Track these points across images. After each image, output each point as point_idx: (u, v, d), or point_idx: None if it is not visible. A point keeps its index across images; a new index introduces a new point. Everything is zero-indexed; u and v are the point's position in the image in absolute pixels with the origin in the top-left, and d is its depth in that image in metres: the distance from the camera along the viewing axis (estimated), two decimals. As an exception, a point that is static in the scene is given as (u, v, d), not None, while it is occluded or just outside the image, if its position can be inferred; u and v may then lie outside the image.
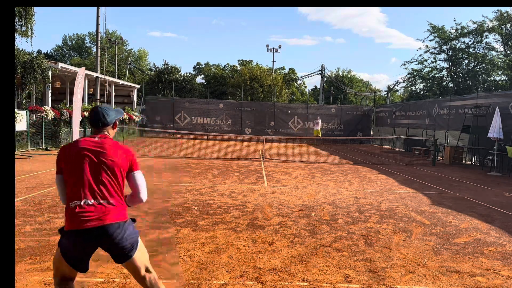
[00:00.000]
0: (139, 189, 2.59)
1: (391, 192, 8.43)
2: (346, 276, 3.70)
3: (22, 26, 15.08)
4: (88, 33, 63.06)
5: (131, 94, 30.22)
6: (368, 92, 53.71)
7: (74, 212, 2.37)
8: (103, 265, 3.71)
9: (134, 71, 54.01)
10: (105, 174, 2.46)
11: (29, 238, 4.46)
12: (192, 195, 7.30)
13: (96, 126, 2.61)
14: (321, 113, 28.49)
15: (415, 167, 13.58)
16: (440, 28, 28.84)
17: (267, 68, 51.45)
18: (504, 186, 9.84)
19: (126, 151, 2.57)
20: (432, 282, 3.66)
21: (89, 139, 2.53)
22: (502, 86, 26.75)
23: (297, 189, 8.35)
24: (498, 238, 5.17)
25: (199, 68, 62.33)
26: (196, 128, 27.03)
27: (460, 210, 6.83)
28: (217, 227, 5.18)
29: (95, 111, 2.63)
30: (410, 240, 4.95)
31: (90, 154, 2.46)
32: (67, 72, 20.59)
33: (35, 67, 15.12)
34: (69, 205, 2.40)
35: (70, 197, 2.42)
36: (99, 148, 2.49)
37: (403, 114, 23.32)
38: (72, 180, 2.43)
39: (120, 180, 2.52)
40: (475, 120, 14.56)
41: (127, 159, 2.55)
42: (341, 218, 5.92)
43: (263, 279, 3.55)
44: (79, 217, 2.35)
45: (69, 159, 2.47)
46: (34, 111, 14.79)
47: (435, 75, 30.59)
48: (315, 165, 13.10)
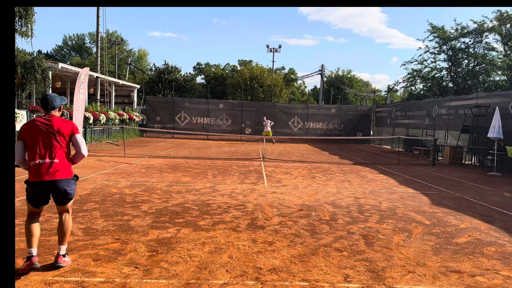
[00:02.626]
0: (80, 146, 3.61)
1: (391, 192, 8.44)
2: (346, 276, 3.70)
3: (22, 26, 15.09)
4: (88, 33, 63.16)
5: (131, 94, 30.23)
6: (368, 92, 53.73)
7: (33, 169, 3.44)
8: (103, 265, 3.72)
9: (134, 71, 54.02)
10: (53, 141, 3.49)
11: (29, 238, 4.45)
12: (192, 195, 7.30)
13: (46, 109, 3.60)
14: (321, 113, 28.50)
15: (415, 167, 13.58)
16: (440, 28, 28.84)
17: (267, 68, 51.50)
18: (504, 186, 9.84)
19: (68, 121, 3.60)
20: (432, 282, 3.66)
21: (41, 119, 3.55)
22: (502, 86, 26.75)
23: (297, 189, 8.35)
24: (498, 238, 5.17)
25: (199, 68, 62.34)
26: (196, 128, 27.03)
27: (460, 210, 6.83)
28: (217, 227, 5.18)
29: (45, 98, 3.62)
30: (410, 240, 4.95)
31: (42, 127, 3.49)
32: (67, 72, 20.59)
33: (35, 67, 15.12)
34: (30, 163, 3.47)
35: (30, 157, 3.46)
36: (48, 122, 3.52)
37: (403, 114, 23.32)
38: (31, 146, 3.47)
39: (65, 144, 3.55)
40: (475, 120, 14.57)
41: (69, 127, 3.58)
42: (341, 218, 5.92)
43: (263, 279, 3.55)
44: (37, 172, 3.43)
45: (28, 132, 3.48)
46: (34, 111, 14.78)
47: (435, 75, 30.59)
48: (315, 165, 13.10)
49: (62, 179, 3.48)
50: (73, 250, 4.11)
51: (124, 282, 3.38)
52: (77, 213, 5.66)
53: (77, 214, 5.60)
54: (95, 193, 7.14)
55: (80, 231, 4.77)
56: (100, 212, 5.77)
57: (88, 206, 6.13)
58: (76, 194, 6.94)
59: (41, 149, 3.43)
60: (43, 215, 5.49)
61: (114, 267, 3.69)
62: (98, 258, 3.90)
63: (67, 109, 16.63)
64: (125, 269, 3.65)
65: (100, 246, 4.28)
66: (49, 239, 4.46)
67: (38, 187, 3.43)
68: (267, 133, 22.92)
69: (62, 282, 3.34)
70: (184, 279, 3.49)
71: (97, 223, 5.16)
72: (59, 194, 3.54)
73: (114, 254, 4.06)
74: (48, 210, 5.75)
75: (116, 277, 3.49)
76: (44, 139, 3.46)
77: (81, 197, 6.72)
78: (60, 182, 3.48)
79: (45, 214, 5.56)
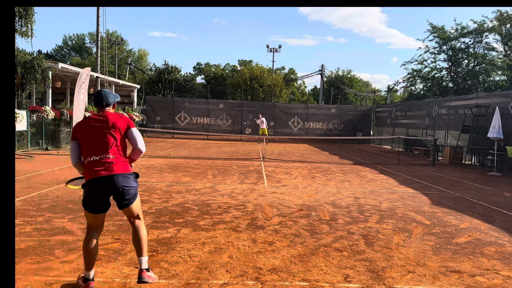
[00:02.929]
0: (137, 140, 3.35)
1: (391, 192, 8.44)
2: (346, 276, 3.70)
3: (22, 26, 15.07)
4: (88, 33, 63.14)
5: (131, 94, 30.22)
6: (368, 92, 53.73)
7: (88, 166, 3.19)
8: (103, 265, 3.72)
9: (134, 71, 54.01)
10: (108, 136, 3.23)
11: (29, 238, 4.46)
12: (192, 195, 7.30)
13: (100, 105, 3.36)
14: (321, 113, 28.50)
15: (415, 167, 13.58)
16: (440, 28, 28.83)
17: (267, 68, 51.49)
18: (504, 186, 9.84)
19: (123, 116, 3.38)
20: (432, 282, 3.66)
21: (95, 115, 3.33)
22: (502, 86, 26.75)
23: (297, 189, 8.35)
24: (498, 238, 5.17)
25: (199, 68, 62.33)
26: (196, 128, 27.03)
27: (460, 210, 6.83)
28: (217, 227, 5.18)
29: (99, 94, 3.39)
30: (410, 240, 4.95)
31: (96, 123, 3.26)
32: (67, 72, 20.59)
33: (35, 67, 15.10)
34: (85, 161, 3.23)
35: (85, 155, 3.23)
36: (102, 118, 3.28)
37: (403, 114, 23.32)
38: (85, 144, 3.23)
39: (121, 140, 3.29)
40: (475, 120, 14.56)
41: (124, 121, 3.33)
42: (341, 218, 5.92)
43: (263, 279, 3.55)
44: (92, 170, 3.16)
45: (81, 130, 3.26)
46: (34, 111, 14.78)
47: (435, 75, 30.59)
48: (315, 165, 13.10)
49: (119, 173, 3.17)
50: (73, 250, 4.12)
51: (124, 282, 3.38)
52: (77, 213, 5.65)
53: (77, 214, 5.59)
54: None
55: (80, 231, 4.77)
56: (100, 212, 5.76)
57: (88, 206, 6.13)
58: (76, 194, 6.95)
59: (96, 146, 3.19)
60: (43, 215, 5.49)
61: (114, 267, 3.69)
62: (98, 258, 3.89)
63: (67, 109, 16.63)
64: (125, 269, 3.65)
65: (100, 246, 4.27)
66: (49, 239, 4.46)
67: (94, 185, 3.15)
68: (263, 131, 22.79)
69: (62, 282, 3.35)
70: (184, 279, 3.49)
71: (97, 223, 5.16)
72: (117, 193, 3.19)
73: (114, 254, 4.06)
74: (48, 210, 5.75)
75: (116, 277, 3.49)
76: (99, 135, 3.21)
77: (81, 197, 6.70)
78: (117, 177, 3.16)
79: (45, 214, 5.56)
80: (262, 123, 23.09)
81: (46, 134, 15.18)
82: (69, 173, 9.41)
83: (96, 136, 3.21)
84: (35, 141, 14.79)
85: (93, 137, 3.21)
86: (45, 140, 15.12)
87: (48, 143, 15.32)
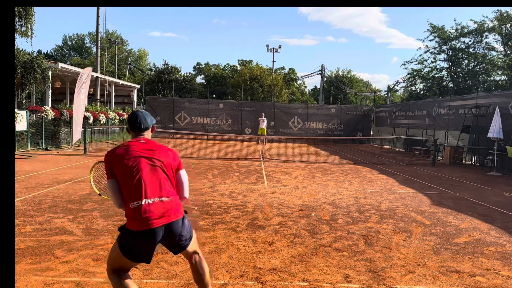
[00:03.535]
0: (185, 187, 2.75)
1: (391, 192, 8.43)
2: (346, 276, 3.70)
3: (22, 26, 15.08)
4: (88, 33, 63.16)
5: (131, 94, 30.23)
6: (368, 92, 53.73)
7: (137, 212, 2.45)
8: (103, 265, 3.71)
9: (134, 71, 54.01)
10: (161, 174, 2.59)
11: (29, 238, 4.46)
12: (192, 195, 7.30)
13: (137, 129, 2.75)
14: (321, 113, 28.49)
15: (415, 167, 13.58)
16: (440, 28, 28.83)
17: (267, 68, 51.48)
18: (504, 186, 9.84)
19: (173, 152, 2.75)
20: (432, 282, 3.66)
21: (136, 143, 2.66)
22: (502, 86, 26.74)
23: (297, 189, 8.35)
24: (498, 238, 5.17)
25: (199, 68, 62.35)
26: (196, 128, 27.02)
27: (460, 210, 6.83)
28: (217, 227, 5.18)
29: (135, 115, 2.79)
30: (410, 240, 4.95)
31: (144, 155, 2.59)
32: (67, 72, 20.60)
33: (35, 67, 15.11)
34: (129, 205, 2.49)
35: (130, 198, 2.50)
36: (150, 150, 2.63)
37: (403, 114, 23.31)
38: (129, 182, 2.51)
39: (172, 179, 2.67)
40: (475, 120, 14.56)
41: (176, 158, 2.73)
42: (341, 218, 5.92)
43: (263, 279, 3.54)
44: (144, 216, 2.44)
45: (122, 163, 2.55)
46: (34, 111, 14.79)
47: (435, 75, 30.59)
48: (315, 165, 13.10)
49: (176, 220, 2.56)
50: (72, 250, 4.11)
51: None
52: (77, 213, 5.66)
53: (77, 214, 5.60)
54: (95, 193, 7.13)
55: (80, 231, 4.77)
56: (100, 212, 5.77)
57: (88, 206, 6.13)
58: (76, 194, 6.95)
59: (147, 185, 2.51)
60: (42, 215, 5.49)
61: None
62: (98, 258, 3.90)
63: (67, 109, 16.63)
64: (125, 269, 3.65)
65: (100, 246, 4.27)
66: (49, 239, 4.46)
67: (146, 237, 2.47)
68: (262, 131, 22.79)
69: (62, 282, 3.34)
70: (184, 279, 3.49)
71: (97, 223, 5.16)
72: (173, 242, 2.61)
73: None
74: (48, 210, 5.75)
75: (116, 277, 3.48)
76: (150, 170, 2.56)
77: (81, 197, 6.72)
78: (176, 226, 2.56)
79: (45, 214, 5.56)
80: (262, 123, 23.08)
81: (46, 134, 15.18)
82: (68, 173, 9.41)
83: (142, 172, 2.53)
84: (35, 141, 14.79)
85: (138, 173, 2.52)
86: (45, 140, 15.12)
87: (48, 143, 15.32)
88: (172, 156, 2.70)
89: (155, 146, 2.69)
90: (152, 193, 2.50)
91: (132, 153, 2.58)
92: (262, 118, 23.27)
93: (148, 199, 2.48)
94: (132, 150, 2.60)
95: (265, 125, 23.22)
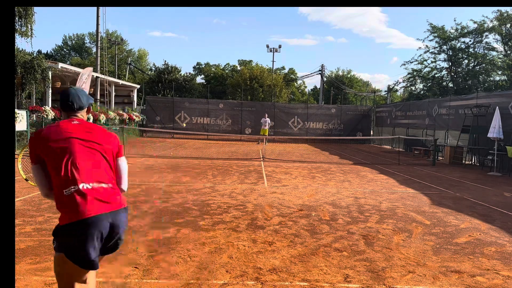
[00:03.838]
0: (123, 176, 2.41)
1: (391, 192, 8.43)
2: (346, 276, 3.70)
3: (22, 26, 15.08)
4: (88, 33, 63.16)
5: (131, 94, 30.22)
6: (368, 92, 53.73)
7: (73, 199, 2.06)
8: (103, 265, 3.71)
9: (134, 71, 54.01)
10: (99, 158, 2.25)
11: (29, 238, 4.46)
12: (192, 195, 7.30)
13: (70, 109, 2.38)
14: (321, 113, 28.49)
15: (415, 167, 13.58)
16: (440, 28, 28.83)
17: (267, 68, 51.48)
18: (504, 186, 9.84)
19: (114, 136, 2.42)
20: (432, 282, 3.66)
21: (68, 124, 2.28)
22: (502, 86, 26.74)
23: (297, 189, 8.35)
24: (498, 238, 5.17)
25: (199, 68, 62.33)
26: (196, 128, 27.02)
27: (460, 210, 6.83)
28: (217, 227, 5.18)
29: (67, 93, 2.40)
30: (410, 240, 4.95)
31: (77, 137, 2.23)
32: (67, 72, 20.59)
33: (35, 67, 15.11)
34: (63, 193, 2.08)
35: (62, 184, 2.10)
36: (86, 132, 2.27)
37: (403, 114, 23.32)
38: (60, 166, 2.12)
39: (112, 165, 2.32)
40: (475, 120, 14.56)
41: (116, 142, 2.39)
42: (341, 218, 5.92)
43: (263, 279, 3.54)
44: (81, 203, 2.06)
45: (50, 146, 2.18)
46: (34, 111, 14.79)
47: (435, 75, 30.59)
48: (315, 165, 13.09)
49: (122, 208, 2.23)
50: (73, 250, 4.11)
51: (124, 282, 3.38)
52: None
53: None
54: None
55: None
56: (100, 212, 5.76)
57: (88, 206, 6.12)
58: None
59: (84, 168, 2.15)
60: (42, 215, 5.49)
61: (114, 267, 3.68)
62: (98, 258, 3.90)
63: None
64: (125, 269, 3.65)
65: (100, 246, 4.27)
66: (49, 239, 4.46)
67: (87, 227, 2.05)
68: (264, 132, 22.78)
69: (62, 282, 3.34)
70: (184, 279, 3.49)
71: (97, 223, 5.15)
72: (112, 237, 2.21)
73: (114, 254, 4.05)
74: (48, 210, 5.75)
75: (116, 277, 3.48)
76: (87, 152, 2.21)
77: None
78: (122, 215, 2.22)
79: (45, 214, 5.56)
80: (264, 124, 23.08)
81: (46, 134, 15.16)
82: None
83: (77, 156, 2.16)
84: (35, 141, 14.77)
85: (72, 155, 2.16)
86: (45, 140, 15.09)
87: (48, 143, 15.30)
88: (112, 140, 2.37)
89: (92, 127, 2.33)
90: (90, 177, 2.13)
91: (63, 134, 2.21)
92: (266, 119, 23.27)
93: (86, 183, 2.10)
94: (63, 131, 2.22)
95: (267, 126, 23.25)
